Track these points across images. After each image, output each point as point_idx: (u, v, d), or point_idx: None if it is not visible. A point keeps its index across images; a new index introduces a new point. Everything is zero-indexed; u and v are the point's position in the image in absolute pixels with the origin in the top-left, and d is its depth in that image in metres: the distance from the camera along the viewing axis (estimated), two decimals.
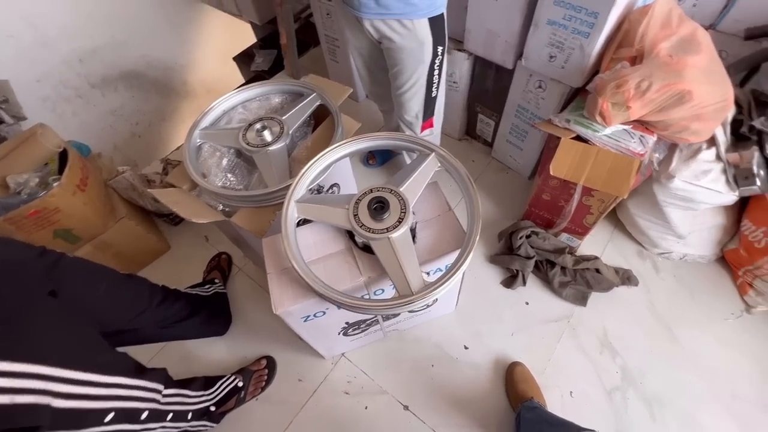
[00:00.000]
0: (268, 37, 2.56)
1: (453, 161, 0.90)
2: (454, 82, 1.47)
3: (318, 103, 1.13)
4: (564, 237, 1.31)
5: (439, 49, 1.03)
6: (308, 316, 0.90)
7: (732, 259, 1.26)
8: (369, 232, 0.80)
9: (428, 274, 0.93)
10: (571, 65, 1.08)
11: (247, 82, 2.60)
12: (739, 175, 1.06)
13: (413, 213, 0.91)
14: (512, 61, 1.23)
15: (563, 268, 1.27)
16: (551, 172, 1.05)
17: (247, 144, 1.02)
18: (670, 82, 0.89)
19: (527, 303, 1.27)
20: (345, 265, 0.86)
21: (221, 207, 1.03)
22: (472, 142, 1.72)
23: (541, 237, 1.29)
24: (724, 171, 1.08)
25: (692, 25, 0.93)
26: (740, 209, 1.20)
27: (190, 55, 2.92)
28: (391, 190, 0.85)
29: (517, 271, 1.29)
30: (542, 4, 1.02)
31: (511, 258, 1.30)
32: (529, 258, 1.28)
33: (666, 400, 1.08)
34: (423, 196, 0.92)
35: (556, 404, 1.10)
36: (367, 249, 0.88)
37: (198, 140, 1.08)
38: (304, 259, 0.85)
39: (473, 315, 1.26)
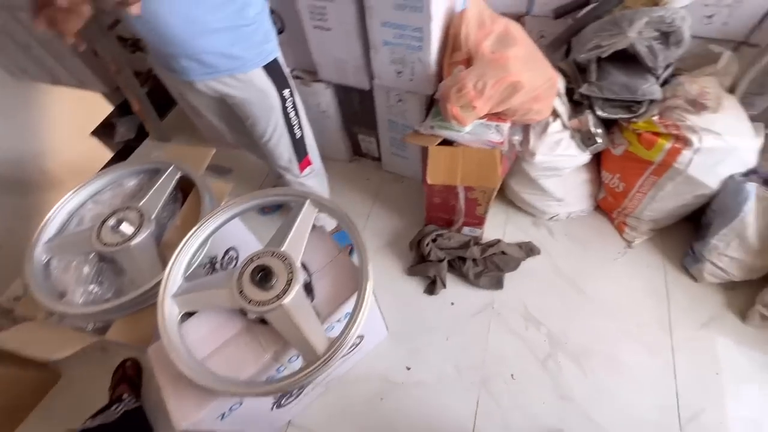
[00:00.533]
0: (125, 103, 2.34)
1: (328, 203, 0.88)
2: (323, 111, 1.46)
3: (178, 176, 1.04)
4: (466, 230, 1.37)
5: (285, 92, 1.01)
6: (224, 414, 0.82)
7: (605, 206, 1.42)
8: (259, 305, 0.75)
9: (340, 321, 0.91)
10: (418, 77, 1.12)
11: (116, 155, 2.36)
12: (583, 138, 1.19)
13: (304, 268, 0.88)
14: (367, 82, 1.25)
15: (474, 260, 1.33)
16: (428, 181, 1.08)
17: (105, 244, 0.90)
18: (500, 77, 0.97)
19: (452, 303, 1.31)
20: (245, 347, 0.80)
21: (92, 326, 0.90)
22: (362, 161, 1.73)
23: (445, 237, 1.34)
24: (572, 137, 1.21)
25: (504, 21, 1.02)
26: (598, 163, 1.35)
27: (42, 142, 2.57)
28: (273, 252, 0.80)
29: (435, 276, 1.31)
30: (372, 29, 1.05)
31: (425, 266, 1.33)
32: (440, 261, 1.32)
33: (590, 351, 1.18)
34: (311, 245, 0.88)
35: (502, 392, 1.14)
36: (265, 321, 0.82)
37: (43, 257, 0.93)
38: (199, 355, 0.77)
39: (406, 333, 1.26)
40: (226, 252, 1.16)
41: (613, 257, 1.36)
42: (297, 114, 1.08)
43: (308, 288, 0.87)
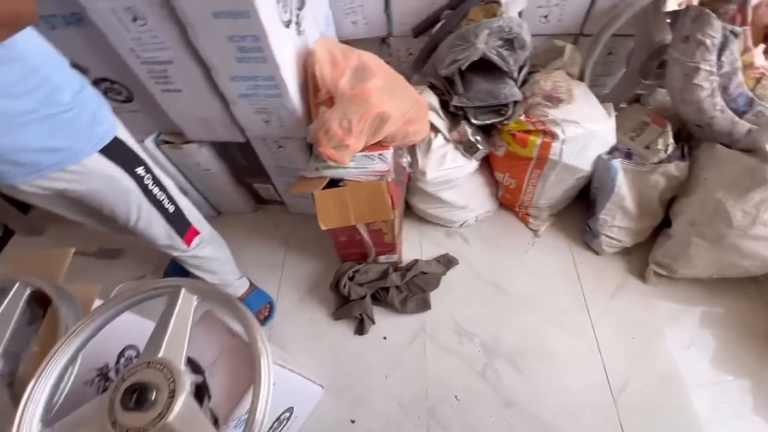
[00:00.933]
0: None
1: (207, 288, 0.79)
2: (206, 170, 1.35)
3: (29, 292, 0.88)
4: (382, 258, 1.34)
5: (139, 170, 0.90)
6: None
7: (506, 202, 1.47)
8: None
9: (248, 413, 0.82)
10: (287, 122, 1.07)
11: None
12: (466, 147, 1.22)
13: (193, 366, 0.78)
14: (240, 134, 1.18)
15: (396, 287, 1.30)
16: (322, 227, 1.03)
17: None
18: (364, 112, 0.95)
19: (385, 338, 1.26)
20: None
21: None
22: (267, 208, 1.64)
23: (362, 272, 1.29)
24: (456, 148, 1.23)
25: (357, 55, 1.01)
26: (489, 164, 1.40)
27: None
28: (148, 363, 0.69)
29: (361, 314, 1.26)
30: (222, 85, 0.98)
31: (349, 306, 1.28)
32: (362, 298, 1.27)
33: (523, 350, 1.20)
34: (198, 338, 0.79)
35: (450, 418, 1.11)
36: None
37: None
38: None
39: (344, 383, 1.19)
40: (122, 353, 1.01)
41: (525, 249, 1.41)
42: (162, 188, 0.98)
43: (202, 389, 0.76)
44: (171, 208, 1.01)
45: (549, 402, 1.11)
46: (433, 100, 1.24)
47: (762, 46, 1.20)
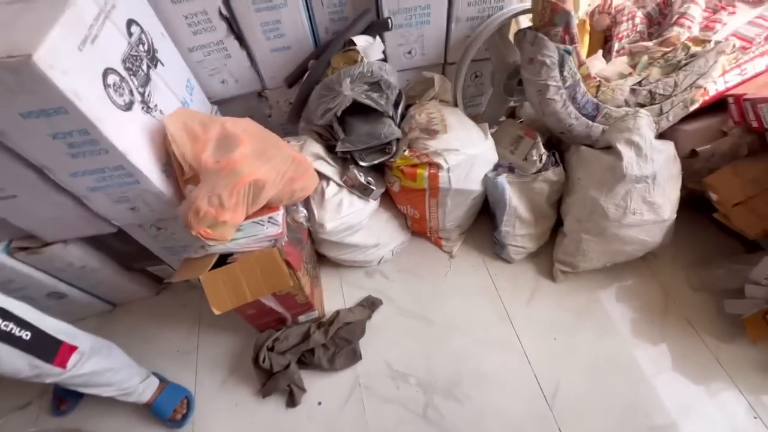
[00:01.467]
0: None
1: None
2: (82, 267, 1.19)
3: None
4: (302, 318, 1.27)
5: None
6: None
7: (417, 230, 1.48)
8: None
9: None
10: (157, 206, 0.98)
11: None
12: (359, 190, 1.20)
13: None
14: (108, 225, 1.05)
15: (322, 345, 1.23)
16: (215, 312, 0.94)
17: None
18: (234, 184, 0.89)
19: (320, 403, 1.18)
20: None
21: None
22: (170, 288, 1.49)
23: (281, 339, 1.21)
24: (351, 192, 1.21)
25: (219, 123, 0.95)
26: (391, 197, 1.40)
27: None
28: None
29: (289, 385, 1.18)
30: (64, 183, 0.86)
31: (274, 380, 1.18)
32: (287, 367, 1.18)
33: (458, 379, 1.19)
34: None
35: None
36: None
37: None
38: None
39: None
40: None
41: (444, 273, 1.42)
42: (8, 316, 0.82)
43: None
44: (26, 335, 0.86)
45: (491, 426, 1.10)
46: (318, 149, 1.21)
47: (600, 52, 1.34)
